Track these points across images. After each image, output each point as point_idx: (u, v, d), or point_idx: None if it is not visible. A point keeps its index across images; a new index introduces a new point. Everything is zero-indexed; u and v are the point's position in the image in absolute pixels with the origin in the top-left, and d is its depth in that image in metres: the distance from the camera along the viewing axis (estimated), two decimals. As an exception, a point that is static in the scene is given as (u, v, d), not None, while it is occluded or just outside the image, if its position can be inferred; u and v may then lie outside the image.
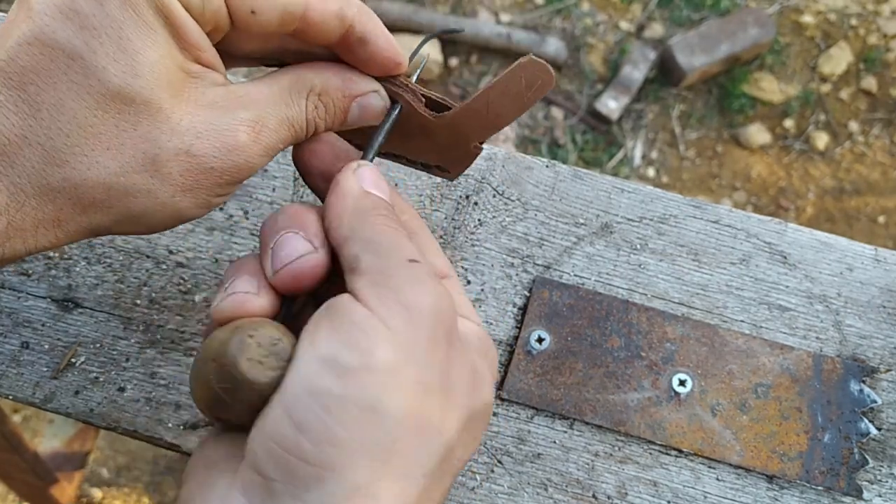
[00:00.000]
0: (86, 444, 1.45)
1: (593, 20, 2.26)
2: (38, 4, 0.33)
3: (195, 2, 0.35)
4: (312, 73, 0.39)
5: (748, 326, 0.54)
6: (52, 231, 0.35)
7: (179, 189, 0.36)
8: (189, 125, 0.35)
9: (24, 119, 0.33)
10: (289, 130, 0.38)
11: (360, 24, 0.38)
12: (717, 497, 0.50)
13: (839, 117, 2.19)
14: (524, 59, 0.38)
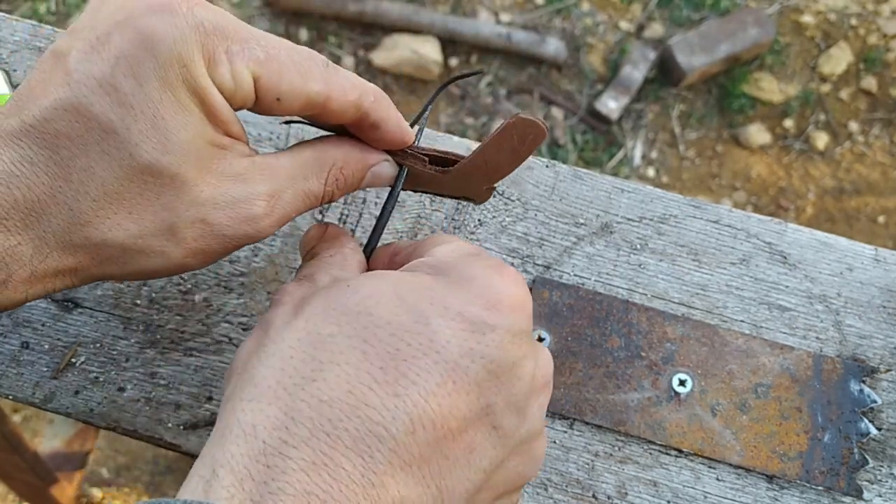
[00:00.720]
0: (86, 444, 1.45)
1: (593, 20, 2.26)
2: (78, 73, 0.35)
3: (227, 85, 0.36)
4: (335, 148, 0.41)
5: (748, 326, 0.54)
6: (68, 278, 0.38)
7: (190, 252, 0.38)
8: (209, 196, 0.37)
9: (54, 180, 0.35)
10: (304, 202, 0.40)
11: (374, 112, 0.40)
12: (717, 497, 0.50)
13: (839, 117, 2.19)
14: (513, 119, 0.41)
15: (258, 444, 0.29)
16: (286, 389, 0.31)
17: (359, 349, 0.31)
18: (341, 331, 0.32)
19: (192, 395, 0.51)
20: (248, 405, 0.31)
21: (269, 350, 0.33)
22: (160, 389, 0.51)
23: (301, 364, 0.31)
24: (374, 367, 0.31)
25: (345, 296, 0.34)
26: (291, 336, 0.33)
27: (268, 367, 0.32)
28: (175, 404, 0.51)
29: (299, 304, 0.35)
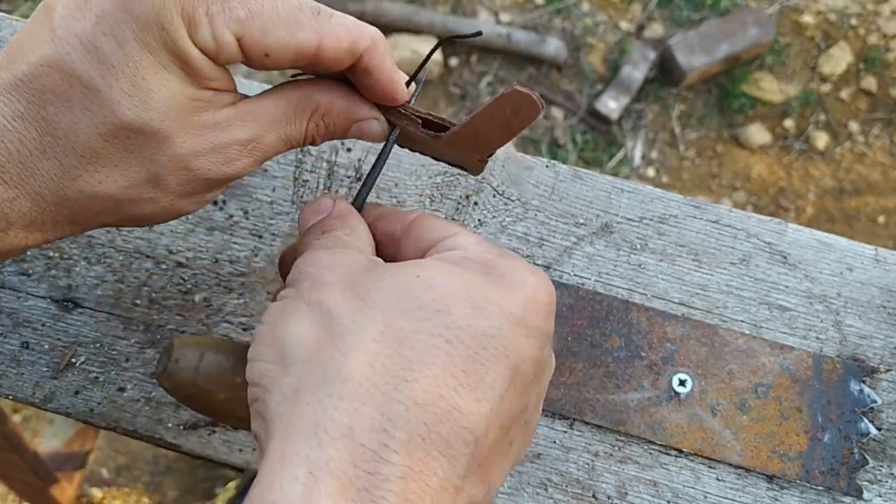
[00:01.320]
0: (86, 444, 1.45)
1: (593, 20, 2.26)
2: (61, 30, 0.35)
3: (209, 46, 0.36)
4: (318, 92, 0.41)
5: (748, 326, 0.54)
6: (68, 227, 0.39)
7: (178, 195, 0.39)
8: (190, 147, 0.38)
9: (42, 135, 0.36)
10: (285, 145, 0.41)
11: (368, 58, 0.39)
12: (717, 497, 0.50)
13: (839, 117, 2.19)
14: (509, 89, 0.40)
15: (357, 447, 0.29)
16: (379, 389, 0.30)
17: (443, 350, 0.31)
18: (424, 328, 0.31)
19: (192, 395, 0.51)
20: (339, 403, 0.29)
21: (349, 342, 0.31)
22: (160, 389, 0.51)
23: (390, 362, 0.30)
24: (459, 370, 0.31)
25: (419, 290, 0.32)
26: (372, 328, 0.31)
27: (355, 361, 0.30)
28: (175, 404, 0.51)
29: (358, 288, 0.33)
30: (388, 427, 0.29)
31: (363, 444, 0.29)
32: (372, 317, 0.32)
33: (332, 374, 0.30)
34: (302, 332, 0.32)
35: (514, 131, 0.41)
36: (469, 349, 0.31)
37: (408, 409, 0.29)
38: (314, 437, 0.29)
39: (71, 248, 0.54)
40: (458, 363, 0.31)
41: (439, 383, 0.30)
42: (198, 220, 0.55)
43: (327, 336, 0.32)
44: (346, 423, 0.29)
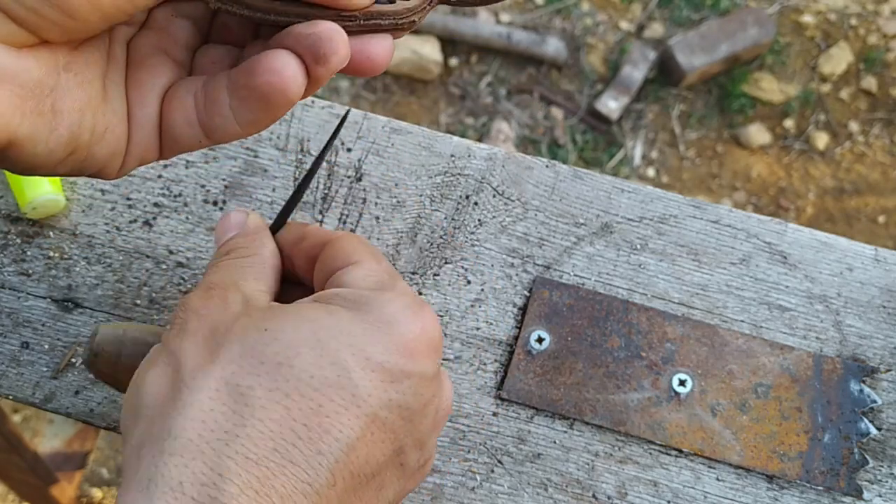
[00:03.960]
0: (86, 444, 1.45)
1: (593, 20, 2.26)
2: None
3: None
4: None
5: (748, 326, 0.54)
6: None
7: None
8: None
9: None
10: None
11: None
12: (717, 497, 0.50)
13: (839, 117, 2.19)
14: None
15: (187, 500, 0.29)
16: (210, 444, 0.30)
17: (281, 404, 0.31)
18: (261, 384, 0.31)
19: (192, 395, 0.51)
20: (170, 459, 0.30)
21: (185, 399, 0.31)
22: (160, 389, 0.51)
23: (222, 418, 0.31)
24: (298, 424, 0.31)
25: (263, 343, 0.32)
26: (209, 385, 0.31)
27: (187, 418, 0.31)
28: (175, 404, 0.51)
29: (211, 341, 0.33)
30: (217, 481, 0.29)
31: (193, 497, 0.29)
32: (212, 373, 0.32)
33: (166, 432, 0.30)
34: (154, 383, 0.33)
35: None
36: (311, 401, 0.31)
37: (238, 464, 0.29)
38: (146, 490, 0.29)
39: (71, 248, 0.54)
40: (298, 416, 0.31)
41: (275, 437, 0.30)
42: (198, 221, 0.55)
43: (171, 390, 0.32)
44: (176, 477, 0.29)
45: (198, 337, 0.33)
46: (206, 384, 0.31)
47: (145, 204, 0.56)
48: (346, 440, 0.31)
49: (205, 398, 0.31)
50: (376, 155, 0.58)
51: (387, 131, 0.59)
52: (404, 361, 0.33)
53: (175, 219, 0.55)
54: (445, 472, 0.49)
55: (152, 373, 0.33)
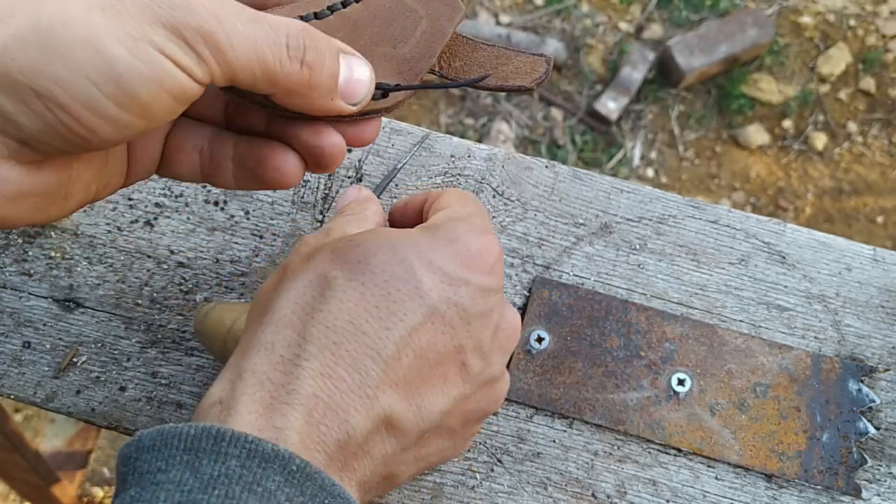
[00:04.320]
0: (87, 444, 1.45)
1: (593, 21, 2.26)
2: None
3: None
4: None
5: (747, 326, 0.55)
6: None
7: (97, 4, 0.30)
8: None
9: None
10: (255, 23, 0.33)
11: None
12: (715, 496, 0.50)
13: (838, 118, 2.19)
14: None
15: (276, 356, 0.35)
16: (298, 317, 0.36)
17: (357, 290, 0.37)
18: (343, 274, 0.37)
19: (194, 394, 0.51)
20: (267, 328, 0.36)
21: (285, 287, 0.38)
22: (161, 389, 0.51)
23: (311, 298, 0.37)
24: (370, 305, 0.37)
25: (349, 248, 0.38)
26: (304, 277, 0.38)
27: (285, 300, 0.37)
28: (177, 404, 0.51)
29: (311, 253, 0.39)
30: (301, 343, 0.35)
31: (281, 354, 0.35)
32: (307, 269, 0.38)
33: (267, 310, 0.37)
34: (265, 287, 0.40)
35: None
36: (381, 289, 0.37)
37: (318, 331, 0.36)
38: (244, 352, 0.36)
39: (72, 248, 0.54)
40: (371, 300, 0.37)
41: (350, 312, 0.36)
42: (199, 221, 0.55)
43: (275, 286, 0.39)
44: (270, 340, 0.36)
45: (302, 253, 0.40)
46: (302, 276, 0.38)
47: (146, 204, 0.56)
48: (409, 322, 0.37)
49: (299, 285, 0.38)
50: (376, 155, 0.58)
51: (387, 132, 0.59)
52: (461, 270, 0.38)
53: (176, 219, 0.55)
54: (445, 470, 0.50)
55: (268, 280, 0.40)
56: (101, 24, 0.30)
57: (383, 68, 0.39)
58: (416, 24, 0.40)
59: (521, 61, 0.41)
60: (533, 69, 0.41)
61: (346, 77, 0.37)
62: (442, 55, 0.41)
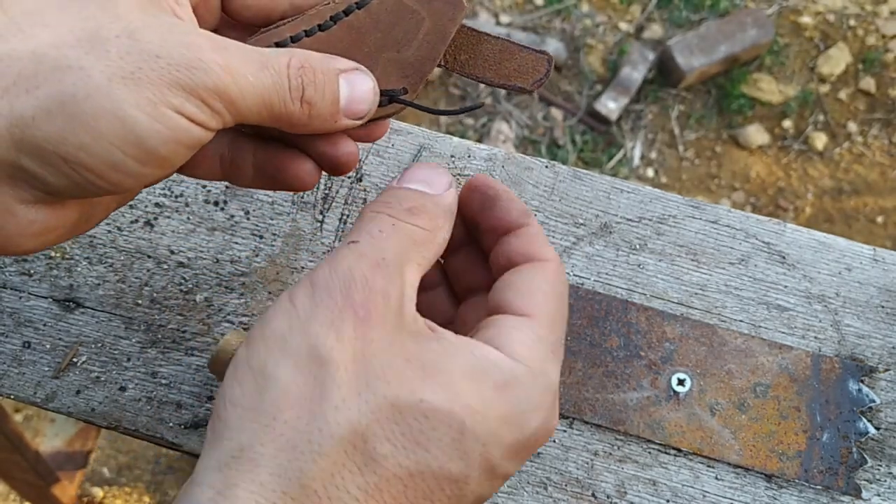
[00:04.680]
0: (87, 444, 1.46)
1: (593, 21, 2.26)
2: None
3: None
4: (290, 48, 0.38)
5: (747, 326, 0.55)
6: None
7: (118, 73, 0.31)
8: (138, 17, 0.32)
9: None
10: (263, 69, 0.34)
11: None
12: (715, 496, 0.50)
13: (838, 118, 2.19)
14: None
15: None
16: (332, 497, 0.31)
17: (403, 482, 0.31)
18: (395, 455, 0.31)
19: (194, 394, 0.51)
20: (295, 493, 0.30)
21: (326, 426, 0.31)
22: (161, 389, 0.51)
23: (349, 474, 0.31)
24: (406, 501, 0.31)
25: (412, 415, 0.31)
26: (348, 429, 0.30)
27: (321, 455, 0.30)
28: (176, 404, 0.51)
29: (363, 367, 0.31)
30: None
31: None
32: (354, 419, 0.30)
33: (302, 461, 0.30)
34: (289, 376, 0.31)
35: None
36: (428, 486, 0.31)
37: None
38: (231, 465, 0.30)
39: (72, 248, 0.54)
40: (410, 496, 0.31)
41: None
42: (199, 221, 0.55)
43: (310, 403, 0.31)
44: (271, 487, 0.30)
45: (349, 347, 0.31)
46: (348, 431, 0.30)
47: (146, 204, 0.56)
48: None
49: (342, 450, 0.30)
50: (377, 155, 0.58)
51: (387, 132, 0.59)
52: (511, 464, 0.33)
53: (176, 219, 0.55)
54: (445, 471, 0.50)
55: (287, 364, 0.31)
56: (123, 94, 0.31)
57: (388, 74, 0.40)
58: (418, 25, 0.39)
59: (524, 58, 0.41)
60: (534, 69, 0.41)
61: (347, 98, 0.37)
62: (447, 49, 0.41)
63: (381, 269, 0.32)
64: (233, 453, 0.30)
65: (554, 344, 0.35)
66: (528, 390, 0.33)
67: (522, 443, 0.33)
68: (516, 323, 0.34)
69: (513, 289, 0.36)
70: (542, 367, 0.34)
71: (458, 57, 0.41)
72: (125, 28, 0.32)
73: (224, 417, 0.31)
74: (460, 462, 0.31)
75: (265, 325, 0.32)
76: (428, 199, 0.36)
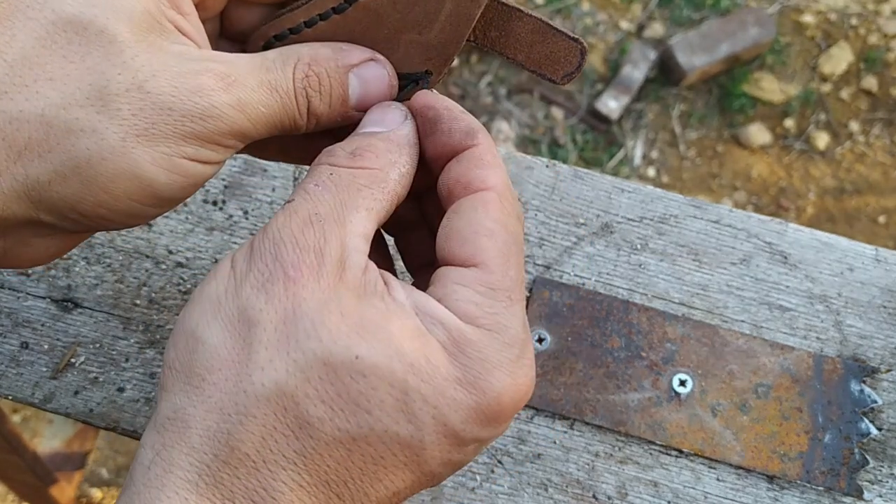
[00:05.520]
0: (85, 445, 1.45)
1: (593, 20, 2.26)
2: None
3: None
4: (300, 46, 0.35)
5: (748, 326, 0.54)
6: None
7: (132, 132, 0.31)
8: (145, 62, 0.31)
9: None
10: (271, 95, 0.33)
11: None
12: (717, 497, 0.50)
13: (839, 117, 2.19)
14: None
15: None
16: (265, 462, 0.30)
17: (346, 447, 0.29)
18: (332, 419, 0.29)
19: (192, 395, 0.51)
20: (223, 466, 0.30)
21: (246, 398, 0.30)
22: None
23: (283, 439, 0.30)
24: (355, 467, 0.30)
25: (348, 374, 0.29)
26: (275, 396, 0.29)
27: (243, 425, 0.30)
28: (174, 404, 0.51)
29: (292, 327, 0.30)
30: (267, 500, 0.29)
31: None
32: (282, 381, 0.29)
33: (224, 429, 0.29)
34: (217, 338, 0.30)
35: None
36: (376, 451, 0.30)
37: (290, 489, 0.29)
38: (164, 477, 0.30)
39: (70, 248, 0.54)
40: (357, 461, 0.29)
41: (329, 473, 0.29)
42: (197, 221, 0.55)
43: (237, 365, 0.29)
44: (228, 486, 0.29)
45: (279, 307, 0.30)
46: (274, 392, 0.29)
47: (145, 204, 0.56)
48: (394, 489, 0.31)
49: (270, 412, 0.29)
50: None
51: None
52: (479, 429, 0.31)
53: (174, 219, 0.55)
54: (445, 472, 0.49)
55: (217, 326, 0.30)
56: (139, 152, 0.31)
57: (411, 56, 0.37)
58: (439, 7, 0.36)
59: (557, 45, 0.38)
60: (566, 59, 0.38)
61: (358, 96, 0.36)
62: (477, 23, 0.38)
63: (312, 224, 0.31)
64: (168, 414, 0.30)
65: (510, 289, 0.32)
66: (481, 350, 0.31)
67: (489, 405, 0.31)
68: (462, 276, 0.32)
69: (454, 234, 0.33)
70: (496, 322, 0.31)
71: (487, 33, 0.38)
72: (134, 80, 0.31)
73: (162, 380, 0.31)
74: (408, 425, 0.29)
75: (202, 288, 0.31)
76: (375, 136, 0.34)
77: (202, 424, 0.29)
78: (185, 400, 0.30)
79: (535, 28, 0.38)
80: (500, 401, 0.31)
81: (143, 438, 0.30)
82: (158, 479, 0.29)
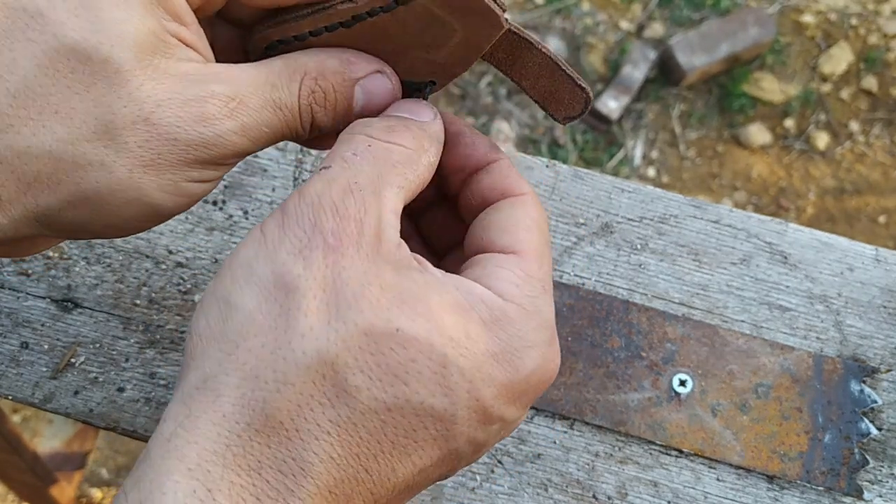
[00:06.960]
0: (85, 445, 1.45)
1: (593, 20, 2.26)
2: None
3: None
4: (306, 56, 0.35)
5: (749, 326, 0.54)
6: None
7: (139, 164, 0.31)
8: (150, 92, 0.31)
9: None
10: (275, 114, 0.34)
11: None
12: (717, 497, 0.50)
13: (840, 117, 2.19)
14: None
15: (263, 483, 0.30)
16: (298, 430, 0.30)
17: (380, 418, 0.29)
18: (370, 388, 0.29)
19: (192, 395, 0.51)
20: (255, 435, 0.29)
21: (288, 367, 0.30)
22: (160, 390, 0.51)
23: (319, 406, 0.30)
24: (386, 440, 0.30)
25: (389, 345, 0.29)
26: (318, 364, 0.29)
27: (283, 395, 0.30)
28: (175, 404, 0.50)
29: (334, 298, 0.29)
30: (297, 473, 0.28)
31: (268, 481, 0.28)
32: (325, 350, 0.29)
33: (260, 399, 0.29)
34: (254, 305, 0.30)
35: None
36: (409, 423, 0.30)
37: (322, 461, 0.29)
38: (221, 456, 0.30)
39: (70, 248, 0.54)
40: (389, 433, 0.29)
41: (360, 445, 0.29)
42: (197, 221, 0.55)
43: (275, 336, 0.29)
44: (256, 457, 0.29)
45: (318, 275, 0.29)
46: (315, 360, 0.29)
47: (145, 204, 0.56)
48: (421, 465, 0.31)
49: (309, 380, 0.28)
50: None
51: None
52: (505, 407, 0.32)
53: (175, 219, 0.55)
54: (445, 472, 0.49)
55: (252, 291, 0.30)
56: (146, 182, 0.32)
57: (416, 67, 0.37)
58: (450, 35, 0.36)
59: (563, 86, 0.38)
60: (570, 103, 0.38)
61: (362, 106, 0.36)
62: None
63: (352, 193, 0.31)
64: (196, 384, 0.29)
65: (543, 280, 0.33)
66: (519, 328, 0.32)
67: (519, 384, 0.31)
68: (502, 261, 0.33)
69: (494, 226, 0.35)
70: (533, 304, 0.32)
71: (495, 53, 0.38)
72: (140, 112, 0.31)
73: (190, 350, 0.30)
74: (444, 398, 0.30)
75: (234, 256, 0.31)
76: (410, 121, 0.34)
77: (235, 392, 0.28)
78: (216, 367, 0.29)
79: (545, 63, 0.38)
80: (530, 380, 0.32)
81: (165, 413, 0.30)
82: (178, 451, 0.28)
